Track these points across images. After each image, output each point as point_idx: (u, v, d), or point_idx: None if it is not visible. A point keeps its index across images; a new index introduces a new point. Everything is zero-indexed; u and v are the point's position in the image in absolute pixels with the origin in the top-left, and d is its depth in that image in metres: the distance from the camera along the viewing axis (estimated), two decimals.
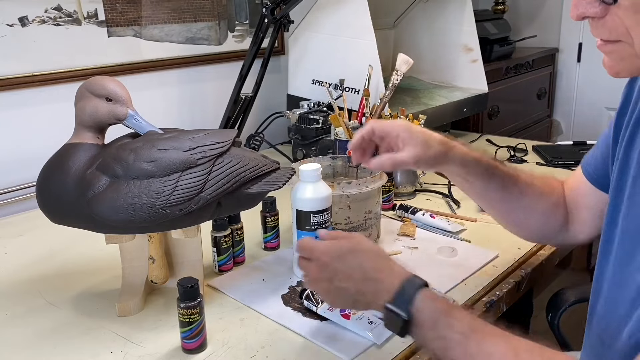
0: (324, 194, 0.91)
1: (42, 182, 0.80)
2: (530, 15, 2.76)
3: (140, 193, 0.74)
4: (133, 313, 0.84)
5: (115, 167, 0.77)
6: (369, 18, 1.42)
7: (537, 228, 0.87)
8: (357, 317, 0.79)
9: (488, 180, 0.83)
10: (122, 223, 0.75)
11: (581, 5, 0.60)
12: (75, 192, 0.76)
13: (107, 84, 0.83)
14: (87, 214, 0.76)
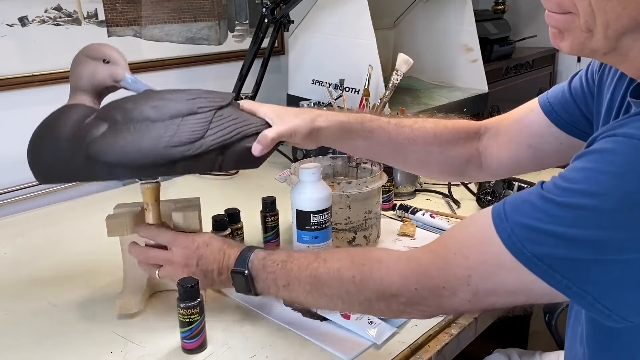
0: (324, 194, 0.91)
1: (35, 137, 0.78)
2: (530, 15, 2.76)
3: (142, 135, 0.72)
4: (134, 310, 0.83)
5: (114, 113, 0.74)
6: (369, 18, 1.42)
7: (439, 165, 0.89)
8: (357, 317, 0.79)
9: (371, 137, 0.85)
10: (121, 165, 0.72)
11: None
12: (72, 141, 0.74)
13: (103, 47, 0.84)
14: (83, 162, 0.72)
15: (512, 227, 0.53)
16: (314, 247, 0.91)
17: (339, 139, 0.85)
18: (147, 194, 0.84)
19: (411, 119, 0.88)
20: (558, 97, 0.80)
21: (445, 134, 0.87)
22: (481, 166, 0.89)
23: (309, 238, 0.91)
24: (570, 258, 0.50)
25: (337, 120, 0.83)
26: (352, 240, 1.01)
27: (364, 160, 1.11)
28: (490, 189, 1.19)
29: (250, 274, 0.73)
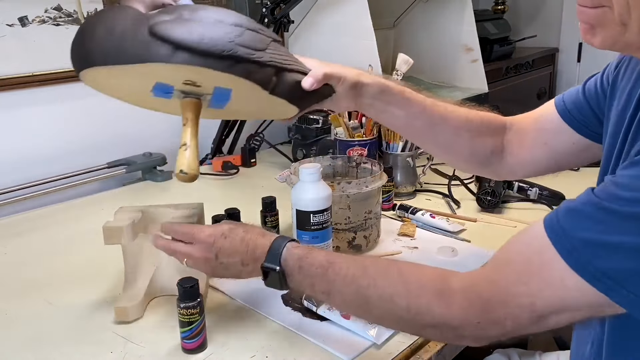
0: (324, 194, 0.91)
1: (91, 19, 0.72)
2: (530, 15, 2.76)
3: (210, 27, 0.69)
4: (131, 318, 0.83)
5: (180, 9, 0.69)
6: (369, 18, 1.42)
7: (466, 152, 0.88)
8: None
9: (407, 106, 0.84)
10: (186, 47, 0.67)
11: None
12: (136, 19, 0.68)
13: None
14: (145, 39, 0.67)
15: (573, 242, 0.51)
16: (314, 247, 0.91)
17: (377, 101, 0.82)
18: (188, 107, 0.78)
19: (445, 101, 0.88)
20: (572, 97, 0.81)
21: (476, 121, 0.87)
22: (502, 161, 0.89)
23: (309, 238, 0.91)
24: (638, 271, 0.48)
25: (379, 81, 0.82)
26: (352, 240, 1.01)
27: (364, 160, 1.11)
28: (490, 189, 1.19)
29: (283, 270, 0.70)
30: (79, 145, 1.45)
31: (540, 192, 1.23)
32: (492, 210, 1.20)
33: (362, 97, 0.82)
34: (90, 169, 1.43)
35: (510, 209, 1.22)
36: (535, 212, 1.19)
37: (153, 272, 0.88)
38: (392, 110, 0.84)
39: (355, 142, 1.26)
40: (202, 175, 1.51)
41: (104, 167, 1.45)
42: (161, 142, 1.61)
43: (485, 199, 1.20)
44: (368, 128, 1.29)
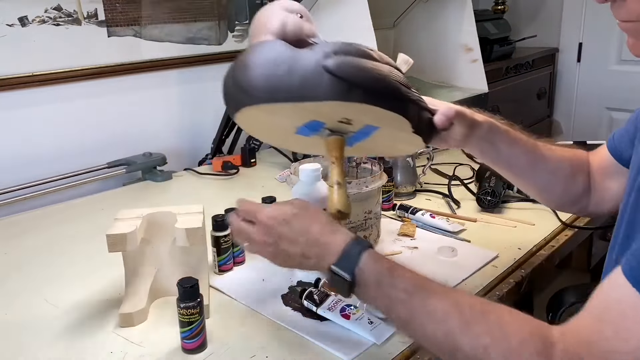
0: (324, 194, 0.90)
1: (246, 59, 0.68)
2: (530, 15, 2.76)
3: (380, 66, 0.68)
4: (136, 324, 0.83)
5: (346, 47, 0.67)
6: (369, 18, 1.42)
7: (561, 191, 0.88)
8: (357, 317, 0.79)
9: (513, 145, 0.84)
10: (361, 85, 0.65)
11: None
12: (303, 59, 0.65)
13: (300, 5, 0.76)
14: (319, 79, 0.65)
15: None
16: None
17: (484, 140, 0.83)
18: (334, 145, 0.77)
19: (542, 141, 0.89)
20: (621, 132, 0.83)
21: (569, 161, 0.88)
22: (590, 197, 0.89)
23: None
24: None
25: (488, 119, 0.83)
26: None
27: (364, 160, 1.11)
28: (490, 189, 1.19)
29: (355, 280, 0.64)
30: (79, 145, 1.45)
31: None
32: (492, 210, 1.20)
33: (472, 136, 0.82)
34: (90, 169, 1.43)
35: (510, 209, 1.22)
36: (535, 212, 1.19)
37: (154, 275, 0.88)
38: (497, 149, 0.84)
39: None
40: (202, 175, 1.51)
41: (104, 167, 1.45)
42: (161, 142, 1.61)
43: (485, 199, 1.20)
44: None
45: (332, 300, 0.82)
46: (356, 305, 0.81)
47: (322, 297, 0.82)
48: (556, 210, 1.14)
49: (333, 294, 0.84)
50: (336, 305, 0.81)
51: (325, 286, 0.85)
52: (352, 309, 0.80)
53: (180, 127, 1.67)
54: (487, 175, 1.24)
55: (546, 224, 1.13)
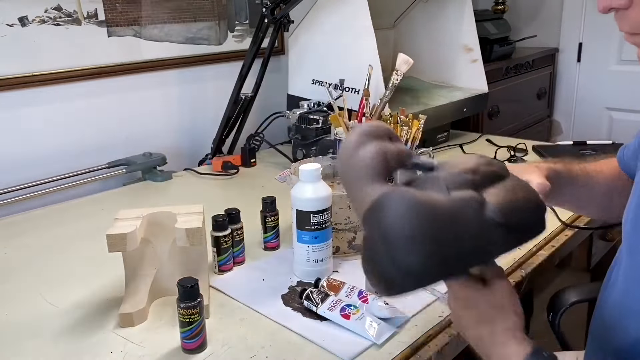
0: (324, 194, 0.91)
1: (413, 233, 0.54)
2: (530, 15, 2.76)
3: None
4: (136, 324, 0.83)
5: (503, 184, 0.60)
6: (369, 18, 1.42)
7: (618, 208, 0.86)
8: (357, 317, 0.79)
9: (573, 185, 0.84)
10: (520, 231, 0.59)
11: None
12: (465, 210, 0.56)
13: (381, 124, 0.65)
14: (491, 233, 0.56)
15: None
16: (315, 247, 0.91)
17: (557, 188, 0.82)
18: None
19: (589, 164, 0.88)
20: (630, 146, 0.83)
21: (615, 177, 0.87)
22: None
23: (309, 238, 0.91)
24: None
25: (551, 167, 0.82)
26: (352, 240, 1.01)
27: None
28: None
29: None
30: (79, 145, 1.45)
31: None
32: None
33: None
34: (90, 169, 1.43)
35: None
36: None
37: (154, 275, 0.88)
38: (560, 193, 0.83)
39: None
40: (202, 175, 1.51)
41: (104, 167, 1.45)
42: (161, 142, 1.61)
43: None
44: None
45: (332, 300, 0.82)
46: (356, 305, 0.81)
47: (322, 297, 0.82)
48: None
49: (333, 294, 0.84)
50: (336, 305, 0.81)
51: None
52: (352, 309, 0.80)
53: (180, 127, 1.67)
54: None
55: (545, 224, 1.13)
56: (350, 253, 1.02)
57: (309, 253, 0.92)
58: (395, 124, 1.27)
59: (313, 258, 0.92)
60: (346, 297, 0.84)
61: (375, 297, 0.83)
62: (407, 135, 1.27)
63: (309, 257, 0.92)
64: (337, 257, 1.00)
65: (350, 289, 0.85)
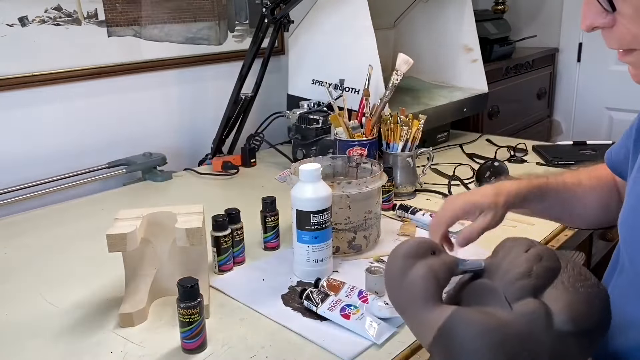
0: (324, 194, 0.91)
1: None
2: (530, 15, 2.76)
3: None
4: (136, 324, 0.83)
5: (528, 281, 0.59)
6: (369, 18, 1.42)
7: (596, 217, 0.88)
8: (357, 317, 0.79)
9: (543, 200, 0.84)
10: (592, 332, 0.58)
11: (589, 16, 0.60)
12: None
13: (420, 239, 0.65)
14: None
15: None
16: (315, 247, 0.91)
17: (519, 205, 0.84)
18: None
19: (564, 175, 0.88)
20: (616, 148, 0.83)
21: (605, 188, 0.87)
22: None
23: (309, 238, 0.91)
24: None
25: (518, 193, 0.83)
26: (352, 240, 1.01)
27: (363, 160, 1.11)
28: None
29: None
30: (79, 145, 1.45)
31: None
32: None
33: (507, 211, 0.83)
34: (90, 169, 1.43)
35: None
36: None
37: (154, 275, 0.88)
38: (531, 210, 0.85)
39: (355, 142, 1.26)
40: (202, 175, 1.51)
41: (104, 167, 1.45)
42: (161, 142, 1.61)
43: None
44: (368, 128, 1.29)
45: (332, 300, 0.82)
46: (356, 305, 0.81)
47: (322, 297, 0.82)
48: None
49: (333, 294, 0.84)
50: (336, 305, 0.81)
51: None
52: (352, 309, 0.80)
53: (180, 127, 1.67)
54: (487, 175, 1.24)
55: (546, 224, 1.13)
56: (350, 253, 1.02)
57: (309, 253, 0.92)
58: (395, 124, 1.28)
59: (313, 258, 0.92)
60: (346, 297, 0.84)
61: (375, 297, 0.83)
62: (407, 135, 1.27)
63: (309, 257, 0.92)
64: (337, 257, 1.00)
65: (350, 289, 0.85)
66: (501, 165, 1.29)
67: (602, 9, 0.59)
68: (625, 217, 0.70)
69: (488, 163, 1.31)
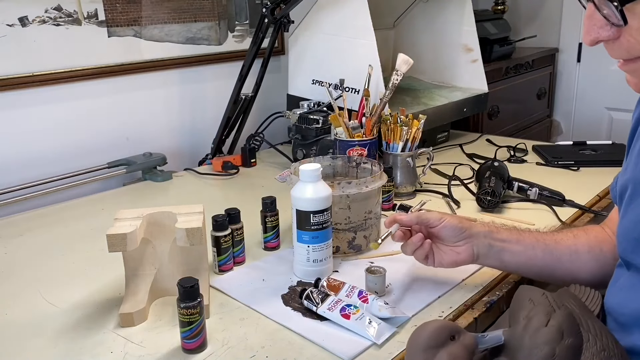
0: (324, 194, 0.91)
1: None
2: (530, 15, 2.76)
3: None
4: (136, 324, 0.83)
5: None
6: (369, 18, 1.42)
7: (591, 277, 0.83)
8: (357, 317, 0.79)
9: (522, 241, 0.84)
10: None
11: (593, 30, 0.60)
12: None
13: (438, 323, 0.64)
14: None
15: None
16: (315, 247, 0.91)
17: (490, 242, 0.85)
18: None
19: (546, 233, 0.87)
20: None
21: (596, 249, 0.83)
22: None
23: (309, 238, 0.91)
24: None
25: (486, 224, 0.85)
26: (352, 240, 1.01)
27: (364, 160, 1.11)
28: (490, 189, 1.19)
29: None
30: (79, 145, 1.45)
31: (540, 192, 1.23)
32: (492, 210, 1.20)
33: (475, 240, 0.84)
34: (91, 169, 1.43)
35: (510, 209, 1.22)
36: (535, 212, 1.19)
37: (154, 275, 0.88)
38: (509, 248, 0.84)
39: (355, 142, 1.26)
40: (202, 175, 1.51)
41: (104, 167, 1.45)
42: (161, 142, 1.61)
43: (485, 199, 1.20)
44: (368, 128, 1.29)
45: (332, 300, 0.82)
46: (356, 305, 0.81)
47: (322, 297, 0.82)
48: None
49: (333, 294, 0.84)
50: (336, 305, 0.81)
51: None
52: (352, 309, 0.80)
53: (180, 127, 1.67)
54: (487, 175, 1.24)
55: (546, 224, 1.13)
56: (350, 253, 1.02)
57: (309, 253, 0.92)
58: (395, 124, 1.27)
59: (313, 258, 0.92)
60: (346, 297, 0.84)
61: (375, 297, 0.83)
62: (407, 135, 1.27)
63: (309, 257, 0.92)
64: (337, 257, 1.00)
65: (350, 289, 0.85)
66: (501, 165, 1.29)
67: (605, 22, 0.58)
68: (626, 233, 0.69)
69: (488, 163, 1.31)
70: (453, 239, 0.85)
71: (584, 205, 1.21)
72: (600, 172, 1.39)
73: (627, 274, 0.70)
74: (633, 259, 0.67)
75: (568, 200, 1.22)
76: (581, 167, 1.47)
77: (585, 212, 1.20)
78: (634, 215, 0.67)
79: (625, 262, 0.70)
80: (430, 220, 0.85)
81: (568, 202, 1.22)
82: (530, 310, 0.63)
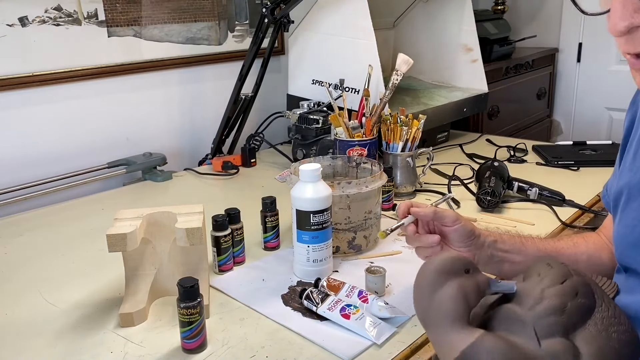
0: (324, 194, 0.91)
1: None
2: (530, 15, 2.76)
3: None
4: (136, 323, 0.83)
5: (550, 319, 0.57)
6: (369, 18, 1.42)
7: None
8: (357, 317, 0.79)
9: (524, 250, 0.84)
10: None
11: (628, 15, 0.53)
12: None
13: (454, 256, 0.62)
14: None
15: None
16: (315, 247, 0.91)
17: (494, 250, 0.84)
18: None
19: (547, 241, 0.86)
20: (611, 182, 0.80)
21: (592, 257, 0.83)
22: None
23: (309, 238, 0.91)
24: None
25: (492, 232, 0.84)
26: (352, 240, 1.01)
27: (363, 160, 1.11)
28: (490, 189, 1.19)
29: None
30: (79, 145, 1.45)
31: (540, 192, 1.23)
32: (492, 210, 1.20)
33: (479, 250, 0.83)
34: (91, 169, 1.43)
35: (510, 209, 1.22)
36: (535, 212, 1.19)
37: (154, 275, 0.88)
38: (510, 259, 0.83)
39: (355, 142, 1.26)
40: (202, 175, 1.51)
41: (104, 167, 1.45)
42: (161, 142, 1.61)
43: (485, 199, 1.20)
44: (368, 128, 1.29)
45: (332, 300, 0.82)
46: (356, 305, 0.81)
47: (322, 297, 0.82)
48: None
49: (333, 294, 0.84)
50: (336, 305, 0.81)
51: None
52: (352, 309, 0.80)
53: (180, 127, 1.67)
54: (487, 175, 1.24)
55: (546, 224, 1.13)
56: (350, 253, 1.02)
57: (309, 253, 0.92)
58: (395, 124, 1.28)
59: (313, 258, 0.92)
60: (346, 297, 0.84)
61: (375, 297, 0.83)
62: (407, 135, 1.27)
63: (309, 257, 0.92)
64: (337, 257, 1.00)
65: (350, 289, 0.85)
66: (501, 165, 1.29)
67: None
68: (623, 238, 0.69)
69: (488, 163, 1.31)
70: (460, 243, 0.83)
71: (584, 205, 1.21)
72: (600, 172, 1.39)
73: (624, 277, 0.70)
74: (630, 263, 0.68)
75: (568, 200, 1.22)
76: (581, 167, 1.47)
77: (585, 212, 1.20)
78: (629, 219, 0.67)
79: (623, 267, 0.70)
80: (446, 219, 0.83)
81: (568, 202, 1.22)
82: (547, 270, 0.61)
